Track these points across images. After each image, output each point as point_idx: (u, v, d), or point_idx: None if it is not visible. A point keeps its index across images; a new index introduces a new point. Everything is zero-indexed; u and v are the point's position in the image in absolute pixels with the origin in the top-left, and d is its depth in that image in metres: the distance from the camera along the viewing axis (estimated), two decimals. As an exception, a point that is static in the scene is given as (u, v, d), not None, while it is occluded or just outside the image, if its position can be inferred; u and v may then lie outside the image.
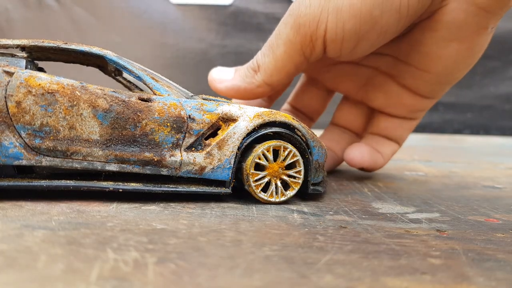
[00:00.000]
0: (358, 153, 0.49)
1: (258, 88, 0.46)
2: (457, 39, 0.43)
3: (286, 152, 0.37)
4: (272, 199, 0.37)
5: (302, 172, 0.38)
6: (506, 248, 0.28)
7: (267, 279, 0.21)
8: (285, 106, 0.57)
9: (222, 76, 0.48)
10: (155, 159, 0.35)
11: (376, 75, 0.51)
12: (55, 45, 0.37)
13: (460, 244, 0.28)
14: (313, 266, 0.23)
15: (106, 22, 1.21)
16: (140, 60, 0.46)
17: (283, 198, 0.37)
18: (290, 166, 0.38)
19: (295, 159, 0.37)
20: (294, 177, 0.38)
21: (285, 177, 0.37)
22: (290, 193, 0.37)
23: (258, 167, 0.37)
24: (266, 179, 0.37)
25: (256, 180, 0.37)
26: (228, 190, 0.37)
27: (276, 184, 0.37)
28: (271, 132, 0.38)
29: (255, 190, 0.37)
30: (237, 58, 1.14)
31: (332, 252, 0.25)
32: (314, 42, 0.42)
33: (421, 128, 1.23)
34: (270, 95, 0.53)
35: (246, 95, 0.47)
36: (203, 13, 1.23)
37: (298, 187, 0.38)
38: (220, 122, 0.37)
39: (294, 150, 0.37)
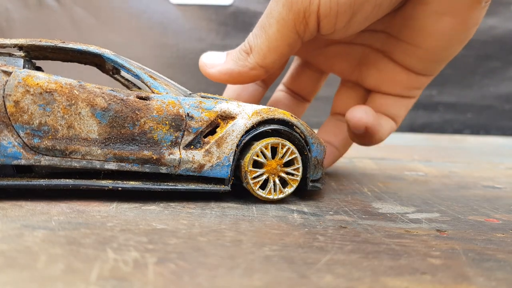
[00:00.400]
0: (362, 110, 0.46)
1: (251, 71, 0.44)
2: (449, 13, 0.42)
3: (284, 150, 0.37)
4: (270, 196, 0.37)
5: (300, 170, 0.38)
6: (506, 248, 0.28)
7: (267, 279, 0.21)
8: (280, 87, 0.56)
9: (213, 61, 0.46)
10: (154, 157, 0.35)
11: (369, 52, 0.49)
12: (53, 44, 0.37)
13: (460, 244, 0.28)
14: (313, 266, 0.23)
15: (106, 22, 1.21)
16: (140, 60, 0.46)
17: (281, 196, 0.37)
18: (289, 163, 0.38)
19: (293, 156, 0.37)
20: (292, 175, 0.38)
21: (283, 175, 0.37)
22: (288, 190, 0.38)
23: (257, 164, 0.37)
24: (264, 177, 0.37)
25: (255, 178, 0.37)
26: (227, 188, 0.37)
27: (274, 182, 0.37)
28: (270, 129, 0.38)
29: (253, 188, 0.37)
30: (237, 58, 1.14)
31: (332, 252, 0.25)
32: (308, 19, 0.41)
33: (421, 128, 1.23)
34: (265, 79, 0.52)
35: (239, 79, 0.45)
36: (203, 13, 1.23)
37: (296, 184, 0.38)
38: (219, 120, 0.37)
39: (292, 147, 0.37)
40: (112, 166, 0.35)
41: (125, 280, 0.20)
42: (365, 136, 0.48)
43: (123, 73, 0.45)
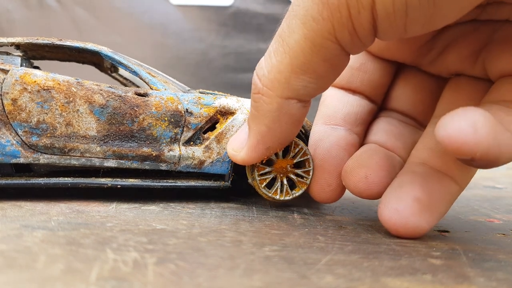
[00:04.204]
0: (467, 123, 0.24)
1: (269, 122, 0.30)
2: None
3: (297, 149, 0.35)
4: (276, 197, 0.35)
5: (311, 173, 0.35)
6: (507, 249, 0.28)
7: (267, 279, 0.21)
8: (388, 113, 0.37)
9: (237, 145, 0.33)
10: (154, 154, 0.35)
11: (501, 28, 0.31)
12: (50, 42, 0.37)
13: (460, 245, 0.28)
14: (314, 267, 0.23)
15: (106, 23, 1.21)
16: (141, 60, 0.46)
17: (287, 197, 0.35)
18: (299, 164, 0.35)
19: (305, 157, 0.35)
20: (302, 177, 0.35)
21: (292, 176, 0.35)
22: (296, 193, 0.35)
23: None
24: (272, 175, 0.35)
25: (262, 174, 0.35)
26: (228, 184, 0.36)
27: (282, 182, 0.35)
28: None
29: (259, 185, 0.35)
30: (238, 59, 1.14)
31: (333, 253, 0.25)
32: (356, 19, 0.25)
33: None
34: (370, 93, 0.36)
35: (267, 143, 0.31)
36: (203, 14, 1.23)
37: (305, 187, 0.35)
38: (218, 116, 0.37)
39: (305, 148, 0.35)
40: (111, 163, 0.35)
41: (124, 281, 0.20)
42: (474, 162, 0.26)
43: (121, 71, 0.45)
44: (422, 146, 0.32)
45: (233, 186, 0.37)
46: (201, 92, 0.40)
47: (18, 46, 0.37)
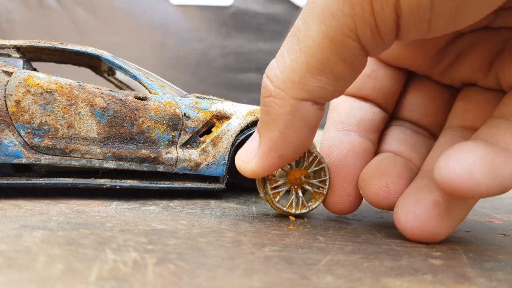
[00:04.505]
0: (464, 166, 0.23)
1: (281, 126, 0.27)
2: None
3: (311, 158, 0.32)
4: (292, 211, 0.32)
5: (327, 182, 0.32)
6: (507, 249, 0.28)
7: (267, 280, 0.21)
8: (399, 123, 0.35)
9: (246, 157, 0.30)
10: (152, 156, 0.36)
11: None
12: (51, 46, 0.37)
13: (461, 245, 0.28)
14: (314, 267, 0.23)
15: (106, 23, 1.21)
16: (141, 60, 0.47)
17: (304, 210, 0.33)
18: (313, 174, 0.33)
19: (320, 166, 0.32)
20: (318, 187, 0.32)
21: (307, 187, 0.32)
22: (313, 205, 0.32)
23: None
24: (285, 188, 0.32)
25: (275, 188, 0.32)
26: (222, 186, 0.37)
27: (297, 194, 0.33)
28: None
29: (273, 199, 0.32)
30: (238, 59, 1.14)
31: (333, 253, 0.25)
32: (379, 15, 0.24)
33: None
34: (380, 100, 0.34)
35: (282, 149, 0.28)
36: (203, 13, 1.23)
37: (322, 198, 0.32)
38: (214, 120, 0.37)
39: (320, 156, 0.32)
40: (110, 165, 0.35)
41: (124, 281, 0.20)
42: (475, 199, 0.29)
43: (117, 75, 0.46)
44: (435, 155, 0.31)
45: (232, 187, 0.37)
46: (197, 97, 0.40)
47: (19, 48, 0.38)
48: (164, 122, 0.36)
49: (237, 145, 0.38)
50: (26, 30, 1.18)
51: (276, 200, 0.32)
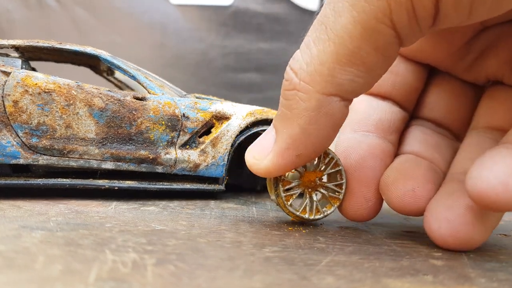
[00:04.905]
0: (498, 177, 0.22)
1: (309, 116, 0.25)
2: None
3: (327, 160, 0.30)
4: (305, 216, 0.30)
5: (344, 186, 0.30)
6: (508, 249, 0.28)
7: (267, 280, 0.20)
8: (420, 122, 0.33)
9: (259, 153, 0.28)
10: (151, 157, 0.35)
11: None
12: (50, 46, 0.37)
13: (461, 245, 0.28)
14: (314, 268, 0.22)
15: (106, 23, 1.21)
16: (141, 60, 0.47)
17: (318, 216, 0.30)
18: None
19: (336, 168, 0.30)
20: (334, 192, 0.30)
21: (322, 190, 0.30)
22: (328, 210, 0.30)
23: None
24: (298, 190, 0.30)
25: (287, 190, 0.30)
26: (222, 187, 0.37)
27: (311, 198, 0.30)
28: (263, 130, 0.38)
29: (285, 202, 0.30)
30: (237, 59, 1.14)
31: (333, 254, 0.25)
32: None
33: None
34: (399, 99, 0.32)
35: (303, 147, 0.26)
36: (203, 13, 1.23)
37: (338, 203, 0.30)
38: (214, 120, 0.37)
39: (336, 157, 0.30)
40: (109, 165, 0.35)
41: (123, 282, 0.19)
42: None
43: (116, 74, 0.46)
44: (463, 157, 0.29)
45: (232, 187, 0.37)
46: (196, 97, 0.40)
47: (18, 48, 0.37)
48: (163, 122, 0.36)
49: (236, 146, 0.37)
50: (26, 30, 1.18)
51: (289, 203, 0.30)
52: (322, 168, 0.30)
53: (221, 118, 0.37)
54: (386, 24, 0.22)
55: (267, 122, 0.39)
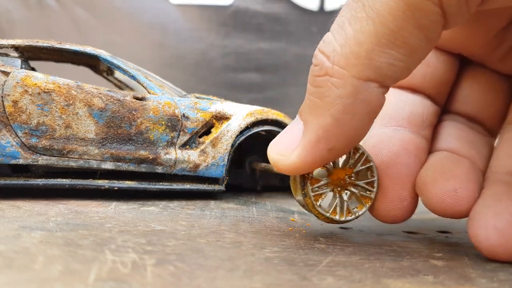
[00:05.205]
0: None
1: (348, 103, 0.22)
2: None
3: (357, 155, 0.27)
4: (336, 217, 0.27)
5: (376, 184, 0.27)
6: (509, 250, 0.28)
7: (268, 281, 0.20)
8: (452, 117, 0.31)
9: (284, 148, 0.25)
10: (150, 157, 0.35)
11: None
12: (49, 45, 0.37)
13: (462, 245, 0.28)
14: (314, 268, 0.22)
15: (106, 23, 1.21)
16: (141, 60, 0.46)
17: (349, 217, 0.27)
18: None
19: (367, 165, 0.27)
20: (365, 190, 0.27)
21: (353, 189, 0.27)
22: (359, 211, 0.27)
23: None
24: (328, 189, 0.27)
25: (316, 189, 0.27)
26: (222, 188, 0.37)
27: (341, 197, 0.27)
28: (263, 130, 0.38)
29: (315, 203, 0.27)
30: (237, 59, 1.14)
31: (334, 254, 0.25)
32: None
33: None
34: (431, 91, 0.30)
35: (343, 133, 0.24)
36: (203, 13, 1.23)
37: (370, 203, 0.27)
38: (214, 121, 0.37)
39: (367, 153, 0.27)
40: (109, 165, 0.35)
41: (123, 282, 0.19)
42: None
43: (116, 74, 0.46)
44: (503, 154, 0.27)
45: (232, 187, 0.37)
46: (197, 97, 0.40)
47: (17, 48, 0.37)
48: (163, 122, 0.36)
49: (237, 146, 0.37)
50: (26, 30, 1.18)
51: (318, 204, 0.27)
52: (351, 165, 0.27)
53: (221, 118, 0.37)
54: (432, 1, 0.21)
55: (267, 122, 0.38)
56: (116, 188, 0.35)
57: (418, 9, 0.21)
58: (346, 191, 0.27)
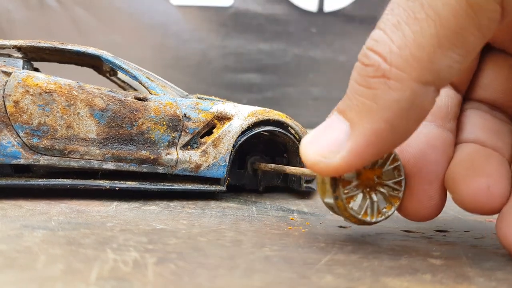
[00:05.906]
0: None
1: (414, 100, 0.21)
2: None
3: (385, 155, 0.26)
4: (367, 219, 0.26)
5: (403, 183, 0.27)
6: (506, 249, 0.28)
7: (267, 279, 0.21)
8: (475, 105, 0.29)
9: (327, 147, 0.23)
10: (152, 158, 0.35)
11: None
12: (52, 46, 0.37)
13: (460, 244, 0.28)
14: (313, 266, 0.23)
15: (106, 23, 1.21)
16: (141, 60, 0.47)
17: (380, 218, 0.26)
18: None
19: (395, 164, 0.26)
20: (393, 189, 0.26)
21: (382, 189, 0.26)
22: (388, 211, 0.27)
23: None
24: (358, 191, 0.26)
25: (347, 191, 0.25)
26: (223, 188, 0.37)
27: (371, 198, 0.26)
28: (265, 130, 0.38)
29: (347, 205, 0.25)
30: (237, 59, 1.14)
31: (333, 252, 0.25)
32: None
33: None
34: (457, 83, 0.29)
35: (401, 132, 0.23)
36: (204, 14, 1.23)
37: (399, 202, 0.27)
38: (215, 121, 0.37)
39: (394, 152, 0.26)
40: (110, 166, 0.35)
41: (124, 280, 0.20)
42: None
43: (119, 75, 0.46)
44: None
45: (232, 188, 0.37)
46: (198, 97, 0.40)
47: (19, 48, 0.38)
48: (164, 123, 0.36)
49: (238, 147, 0.37)
50: (26, 30, 1.18)
51: (350, 206, 0.26)
52: (380, 165, 0.26)
53: (223, 118, 0.37)
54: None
55: (269, 122, 0.38)
56: (117, 188, 0.35)
57: (480, 8, 0.20)
58: (375, 192, 0.26)
